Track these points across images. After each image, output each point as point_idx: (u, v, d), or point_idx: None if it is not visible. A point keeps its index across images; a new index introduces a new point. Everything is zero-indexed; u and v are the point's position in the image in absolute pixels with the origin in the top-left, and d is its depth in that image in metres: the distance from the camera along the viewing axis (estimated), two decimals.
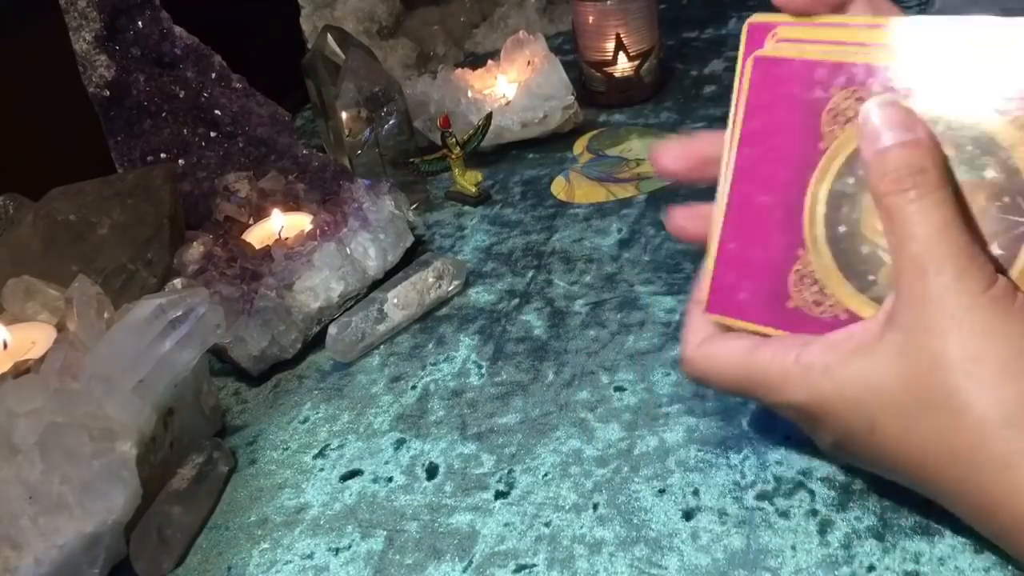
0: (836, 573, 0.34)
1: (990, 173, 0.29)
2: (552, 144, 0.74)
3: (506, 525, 0.40)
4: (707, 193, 0.36)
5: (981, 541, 0.34)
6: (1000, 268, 0.29)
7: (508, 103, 0.73)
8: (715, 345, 0.35)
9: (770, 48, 0.34)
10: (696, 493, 0.39)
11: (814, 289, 0.33)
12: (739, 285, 0.35)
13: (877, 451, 0.31)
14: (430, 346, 0.53)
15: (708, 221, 0.36)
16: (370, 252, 0.58)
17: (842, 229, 0.32)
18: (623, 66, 0.76)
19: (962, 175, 0.30)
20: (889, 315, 0.30)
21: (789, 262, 0.33)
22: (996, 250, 0.30)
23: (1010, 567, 0.33)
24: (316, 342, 0.55)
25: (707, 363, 0.35)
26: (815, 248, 0.33)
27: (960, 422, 0.28)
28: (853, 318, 0.32)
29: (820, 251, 0.32)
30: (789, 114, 0.33)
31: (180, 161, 0.65)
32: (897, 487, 0.33)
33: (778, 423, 0.41)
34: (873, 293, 0.32)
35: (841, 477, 0.38)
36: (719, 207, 0.35)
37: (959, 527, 0.34)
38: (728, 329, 0.36)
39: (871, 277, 0.32)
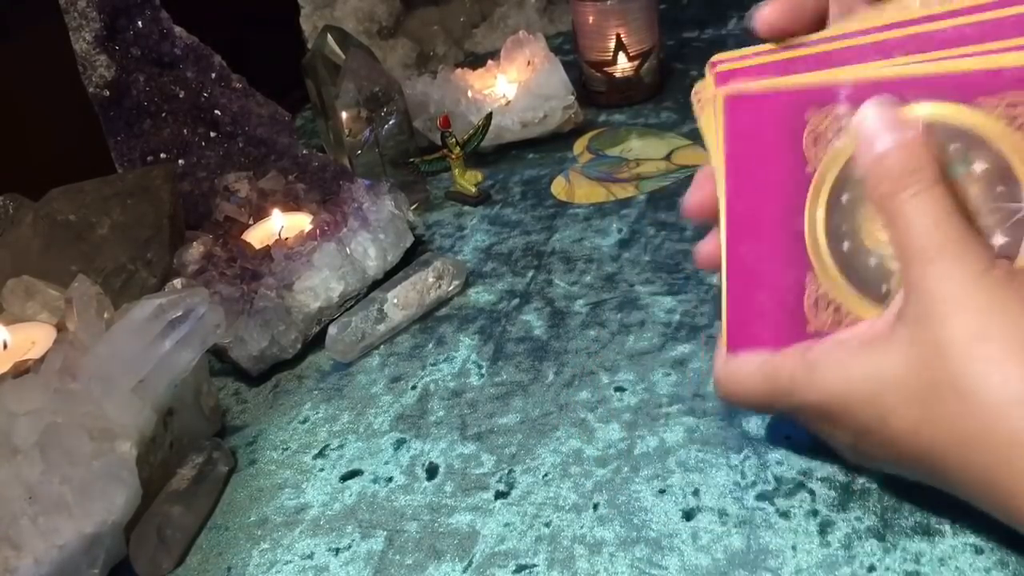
0: (836, 573, 0.34)
1: (980, 166, 0.29)
2: (552, 144, 0.74)
3: (506, 525, 0.40)
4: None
5: (982, 541, 0.34)
6: (1007, 255, 0.30)
7: (508, 103, 0.73)
8: (735, 361, 0.36)
9: (735, 86, 0.33)
10: (696, 493, 0.39)
11: (831, 310, 0.33)
12: (756, 323, 0.35)
13: (892, 445, 0.31)
14: (430, 346, 0.53)
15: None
16: (370, 252, 0.58)
17: (846, 246, 0.32)
18: (623, 66, 0.76)
19: (954, 172, 0.30)
20: (895, 311, 0.31)
21: (801, 290, 0.33)
22: (1000, 238, 0.30)
23: (1011, 567, 0.33)
24: (316, 342, 0.55)
25: (730, 380, 0.36)
26: (824, 271, 0.33)
27: (969, 404, 0.28)
28: None
29: (829, 273, 0.33)
30: (770, 147, 0.33)
31: (180, 161, 0.65)
32: (898, 487, 0.33)
33: (780, 424, 0.41)
34: (889, 303, 0.32)
35: (841, 477, 0.38)
36: (722, 253, 0.35)
37: (960, 527, 0.34)
38: None
39: (884, 288, 0.32)
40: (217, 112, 0.65)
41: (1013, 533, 0.30)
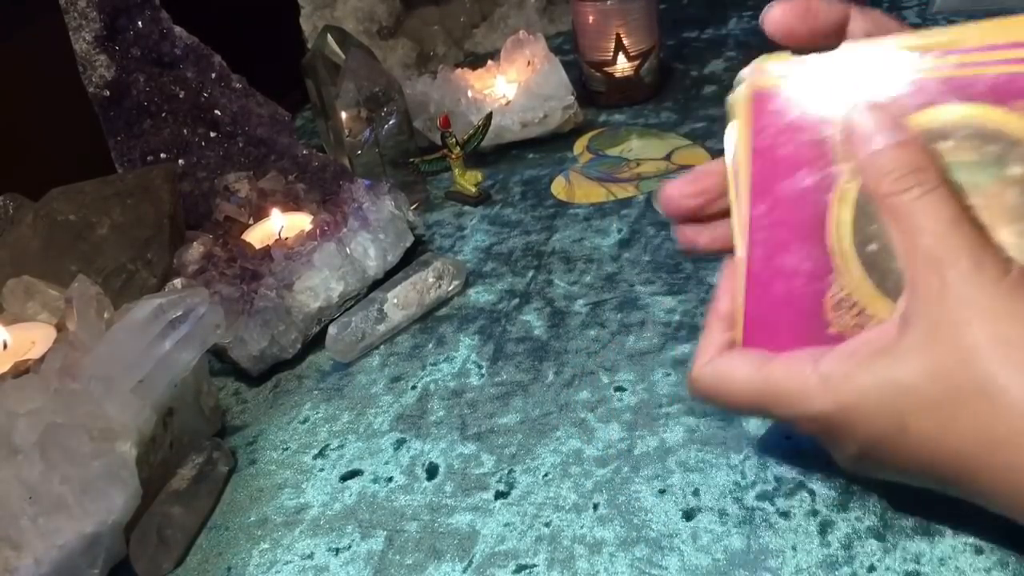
0: (836, 573, 0.34)
1: (1016, 169, 0.29)
2: (552, 144, 0.74)
3: (506, 525, 0.40)
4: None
5: (982, 541, 0.34)
6: None
7: (508, 103, 0.73)
8: (723, 362, 0.34)
9: (764, 79, 0.33)
10: (696, 493, 0.39)
11: (854, 311, 0.32)
12: (775, 320, 0.34)
13: (909, 453, 0.30)
14: (430, 346, 0.53)
15: (717, 231, 0.36)
16: (370, 252, 0.58)
17: (872, 247, 0.32)
18: (623, 66, 0.76)
19: (989, 175, 0.30)
20: (905, 315, 0.30)
21: (823, 290, 0.33)
22: None
23: (1011, 567, 0.33)
24: (316, 342, 0.55)
25: (715, 380, 0.34)
26: (847, 271, 0.32)
27: (999, 408, 0.27)
28: None
29: (853, 273, 0.32)
30: (798, 143, 0.33)
31: (180, 161, 0.65)
32: (897, 487, 0.33)
33: (781, 424, 0.41)
34: None
35: (842, 477, 0.38)
36: (740, 245, 0.34)
37: (960, 528, 0.34)
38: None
39: None
40: (217, 112, 0.65)
41: (1012, 533, 0.30)
